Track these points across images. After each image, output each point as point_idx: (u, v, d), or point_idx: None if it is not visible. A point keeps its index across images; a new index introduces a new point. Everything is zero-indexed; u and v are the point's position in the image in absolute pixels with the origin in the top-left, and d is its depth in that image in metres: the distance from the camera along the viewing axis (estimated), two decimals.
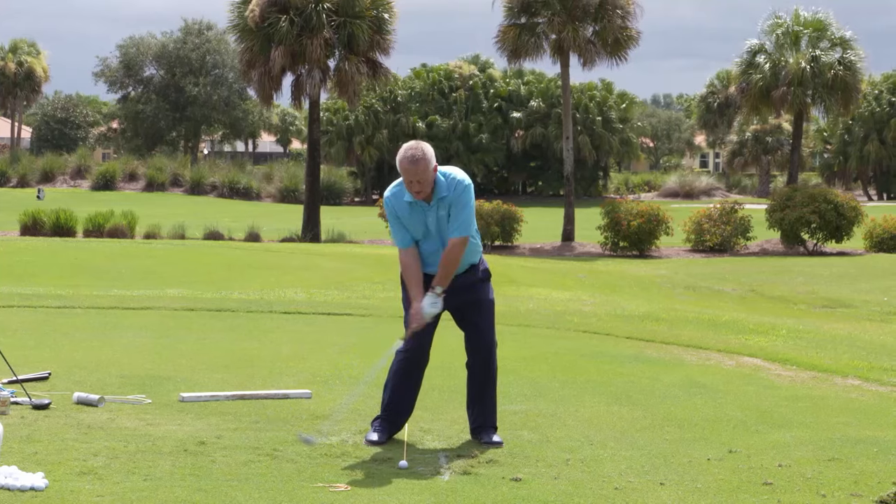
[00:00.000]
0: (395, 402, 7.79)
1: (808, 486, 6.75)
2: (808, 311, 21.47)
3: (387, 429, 7.74)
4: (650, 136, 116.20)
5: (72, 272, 21.19)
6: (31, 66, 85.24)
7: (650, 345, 12.99)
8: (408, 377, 7.82)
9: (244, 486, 6.50)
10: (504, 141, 74.96)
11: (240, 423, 8.06)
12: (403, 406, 7.82)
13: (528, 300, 18.47)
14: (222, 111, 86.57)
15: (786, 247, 37.55)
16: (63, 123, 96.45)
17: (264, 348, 11.69)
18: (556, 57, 42.27)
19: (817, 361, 11.83)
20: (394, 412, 7.78)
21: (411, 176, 7.53)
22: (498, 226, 37.63)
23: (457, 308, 7.87)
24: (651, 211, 36.92)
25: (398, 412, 7.80)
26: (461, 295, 7.80)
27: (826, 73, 43.74)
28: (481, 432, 7.77)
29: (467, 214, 7.70)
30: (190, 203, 56.19)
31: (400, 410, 7.80)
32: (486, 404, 7.89)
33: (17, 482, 6.28)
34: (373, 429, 7.74)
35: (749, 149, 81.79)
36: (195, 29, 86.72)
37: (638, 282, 26.19)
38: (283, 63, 37.59)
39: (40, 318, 13.84)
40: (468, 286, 7.85)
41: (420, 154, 7.52)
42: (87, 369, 10.01)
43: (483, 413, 7.86)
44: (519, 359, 11.46)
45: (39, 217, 35.48)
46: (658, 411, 8.82)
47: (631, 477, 6.88)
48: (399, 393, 7.80)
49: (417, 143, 7.61)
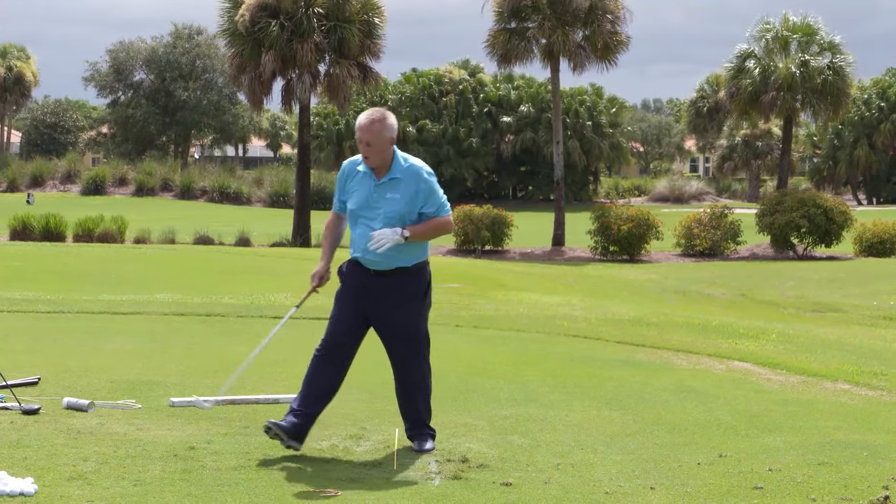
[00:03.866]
0: (300, 401, 7.47)
1: (798, 490, 6.75)
2: (798, 315, 21.50)
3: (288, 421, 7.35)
4: (640, 140, 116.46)
5: (61, 277, 21.14)
6: (20, 71, 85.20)
7: (640, 349, 12.99)
8: (313, 372, 7.51)
9: (234, 491, 6.49)
10: (494, 145, 75.10)
11: (230, 427, 8.05)
12: (311, 396, 7.46)
13: (518, 305, 18.47)
14: (212, 116, 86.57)
15: (775, 251, 37.63)
16: (53, 128, 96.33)
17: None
18: (545, 61, 42.35)
19: (807, 366, 11.85)
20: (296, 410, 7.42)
21: (364, 134, 7.30)
22: (488, 230, 37.67)
23: (377, 317, 7.54)
24: (641, 215, 36.99)
25: (301, 411, 7.42)
26: (386, 305, 7.49)
27: (815, 78, 43.83)
28: (414, 438, 7.65)
29: (440, 199, 7.49)
30: (180, 208, 56.12)
31: (301, 410, 7.42)
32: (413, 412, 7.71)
33: (6, 487, 6.27)
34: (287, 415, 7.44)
35: (739, 153, 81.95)
36: (185, 33, 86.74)
37: (628, 286, 26.21)
38: (273, 67, 37.58)
39: (30, 323, 13.81)
40: (392, 294, 7.48)
41: (378, 116, 7.34)
42: (76, 374, 9.98)
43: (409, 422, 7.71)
44: (509, 363, 11.47)
45: (29, 222, 35.44)
46: (648, 415, 8.82)
47: (621, 481, 6.88)
48: (304, 388, 7.51)
49: (381, 109, 7.44)
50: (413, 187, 7.41)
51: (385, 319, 7.54)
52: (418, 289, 7.60)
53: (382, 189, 7.40)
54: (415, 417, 7.71)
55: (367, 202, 7.42)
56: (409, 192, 7.39)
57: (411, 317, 7.58)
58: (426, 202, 7.45)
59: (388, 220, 7.37)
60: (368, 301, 7.50)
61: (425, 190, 7.44)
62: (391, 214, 7.38)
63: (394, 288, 7.49)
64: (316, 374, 7.54)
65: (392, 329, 7.56)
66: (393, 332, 7.57)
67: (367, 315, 7.54)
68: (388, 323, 7.55)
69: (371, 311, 7.52)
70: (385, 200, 7.39)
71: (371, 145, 7.32)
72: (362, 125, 7.32)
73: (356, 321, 7.54)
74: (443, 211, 7.55)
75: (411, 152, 71.12)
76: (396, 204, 7.38)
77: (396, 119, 7.56)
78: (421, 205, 7.45)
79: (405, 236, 7.35)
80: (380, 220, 7.39)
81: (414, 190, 7.40)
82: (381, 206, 7.39)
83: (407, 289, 7.54)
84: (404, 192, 7.39)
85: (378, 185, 7.41)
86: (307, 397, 7.50)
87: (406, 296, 7.54)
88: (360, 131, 7.33)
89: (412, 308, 7.58)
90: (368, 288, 7.48)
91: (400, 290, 7.51)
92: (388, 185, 7.40)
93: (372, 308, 7.51)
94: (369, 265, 7.47)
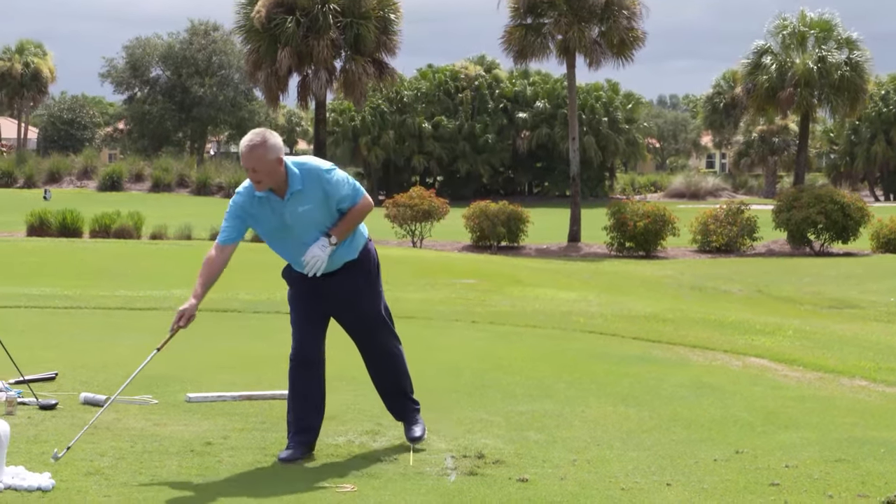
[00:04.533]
0: (298, 416, 7.31)
1: (815, 486, 6.73)
2: (815, 311, 21.45)
3: (299, 442, 7.25)
4: (656, 136, 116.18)
5: (78, 273, 21.19)
6: (37, 67, 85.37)
7: (656, 345, 12.97)
8: (298, 385, 7.34)
9: (251, 486, 6.50)
10: (510, 141, 75.04)
11: (246, 423, 8.07)
12: (307, 416, 7.31)
13: (534, 301, 18.46)
14: (228, 112, 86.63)
15: (792, 247, 37.54)
16: (69, 124, 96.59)
17: (271, 349, 11.68)
18: (561, 57, 42.31)
19: (824, 362, 11.81)
20: (300, 426, 7.30)
21: (247, 163, 6.90)
22: (504, 226, 37.66)
23: (335, 311, 7.39)
24: (657, 211, 36.93)
25: (305, 425, 7.30)
26: (338, 301, 7.34)
27: (833, 74, 43.70)
28: (403, 421, 7.62)
29: (349, 187, 7.16)
30: (196, 204, 56.21)
31: (305, 424, 7.30)
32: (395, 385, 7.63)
33: (23, 482, 6.29)
34: (287, 446, 7.29)
35: (755, 149, 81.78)
36: (201, 30, 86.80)
37: (644, 282, 26.18)
38: (289, 64, 37.63)
39: (47, 319, 13.85)
40: (347, 291, 7.33)
41: (258, 140, 6.91)
42: (93, 370, 10.02)
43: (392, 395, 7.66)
44: (525, 359, 11.46)
45: (46, 218, 35.51)
46: (664, 412, 8.81)
47: (637, 477, 6.87)
48: (297, 403, 7.34)
49: (260, 130, 7.03)
50: (319, 191, 7.06)
51: (347, 312, 7.41)
52: (369, 271, 7.41)
53: (291, 205, 7.04)
54: (394, 389, 7.61)
55: (280, 224, 7.11)
56: (317, 198, 7.06)
57: (372, 301, 7.43)
58: (339, 198, 7.13)
59: (307, 232, 7.11)
60: (325, 300, 7.32)
61: (332, 188, 7.10)
62: (309, 226, 7.10)
63: (347, 281, 7.32)
64: (305, 385, 7.35)
65: (357, 319, 7.44)
66: (358, 321, 7.45)
67: (327, 311, 7.40)
68: (352, 315, 7.42)
69: (330, 307, 7.37)
70: (298, 215, 7.06)
71: (258, 171, 6.91)
72: (243, 154, 6.92)
73: (320, 322, 7.40)
74: (358, 196, 7.21)
75: (427, 148, 71.50)
76: (311, 214, 7.07)
77: (412, 115, 7.49)
78: (336, 203, 7.14)
79: (333, 243, 7.10)
80: (296, 236, 7.13)
81: (322, 193, 7.07)
82: (296, 223, 7.09)
83: (359, 277, 7.36)
84: (313, 199, 7.05)
85: (284, 202, 7.05)
86: (306, 410, 7.33)
87: (361, 284, 7.37)
88: (245, 160, 6.92)
89: (371, 293, 7.43)
90: (321, 289, 7.29)
91: (353, 280, 7.33)
92: (295, 200, 7.03)
93: (331, 305, 7.36)
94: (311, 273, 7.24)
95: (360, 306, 7.40)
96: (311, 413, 7.35)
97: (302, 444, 7.24)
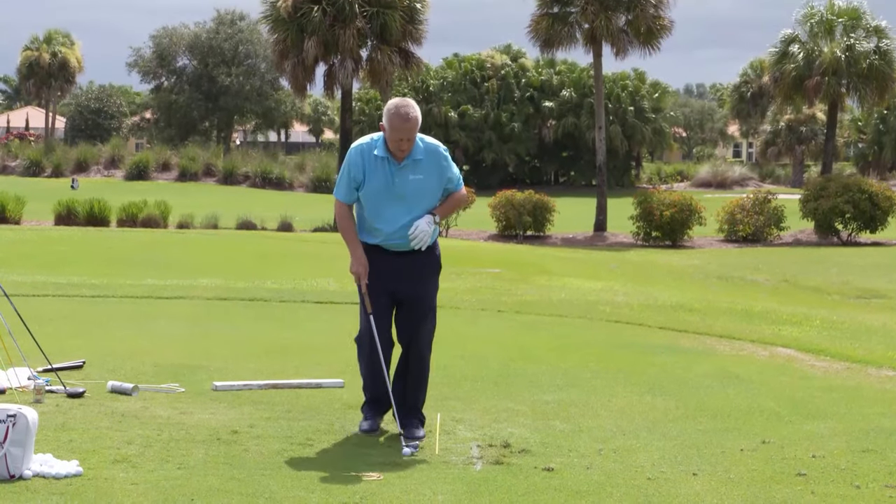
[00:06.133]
0: (370, 384, 7.71)
1: (842, 477, 6.71)
2: (843, 301, 21.36)
3: (376, 411, 7.71)
4: (683, 125, 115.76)
5: (106, 262, 21.29)
6: (65, 57, 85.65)
7: (683, 335, 12.95)
8: (371, 357, 7.61)
9: (277, 474, 6.52)
10: (536, 131, 74.86)
11: (273, 412, 8.09)
12: (379, 386, 7.63)
13: (560, 290, 18.44)
14: (255, 101, 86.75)
15: (819, 237, 37.36)
16: (97, 114, 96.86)
17: (297, 338, 11.72)
18: (588, 46, 42.16)
19: (851, 352, 11.77)
20: (374, 395, 7.72)
21: (402, 133, 7.29)
22: (530, 215, 37.61)
23: (400, 290, 7.60)
24: (684, 201, 36.80)
25: (378, 394, 7.68)
26: (409, 281, 7.57)
27: (861, 63, 43.44)
28: (405, 426, 7.53)
29: (458, 172, 7.67)
30: (222, 193, 56.34)
31: (378, 393, 7.67)
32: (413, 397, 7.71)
33: (52, 470, 6.33)
34: (364, 417, 7.72)
35: (783, 139, 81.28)
36: (228, 19, 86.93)
37: (670, 272, 26.12)
38: (315, 53, 37.60)
39: (75, 308, 13.92)
40: (417, 271, 7.59)
41: (414, 113, 7.32)
42: (121, 358, 10.06)
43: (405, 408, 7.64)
44: (551, 348, 11.46)
45: (73, 207, 35.66)
46: (691, 401, 8.79)
47: (663, 467, 6.86)
48: (371, 374, 7.68)
49: (409, 101, 7.43)
50: (436, 166, 7.49)
51: (410, 291, 7.61)
52: (437, 261, 7.73)
53: (404, 171, 7.41)
54: (412, 403, 7.69)
55: (386, 186, 7.42)
56: (432, 171, 7.47)
57: (433, 287, 7.74)
58: (449, 177, 7.57)
59: (415, 201, 7.42)
60: (395, 280, 7.55)
61: (447, 165, 7.55)
62: (419, 195, 7.44)
63: (419, 262, 7.58)
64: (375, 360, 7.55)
65: (416, 300, 7.63)
66: (416, 303, 7.63)
67: (393, 288, 7.60)
68: (414, 294, 7.62)
69: (397, 283, 7.57)
70: (408, 182, 7.41)
71: (411, 140, 7.35)
72: (401, 126, 7.28)
73: (390, 304, 7.63)
74: (461, 184, 7.72)
75: (453, 137, 71.42)
76: (422, 184, 7.44)
77: (439, 104, 7.59)
78: (445, 182, 7.56)
79: (437, 222, 7.50)
80: (405, 202, 7.42)
81: (437, 168, 7.49)
82: (406, 189, 7.41)
83: (430, 262, 7.65)
84: (427, 171, 7.45)
85: (400, 167, 7.41)
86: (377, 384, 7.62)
87: (430, 269, 7.68)
88: (398, 131, 7.28)
89: (434, 280, 7.76)
90: (394, 267, 7.54)
91: (424, 262, 7.61)
92: (410, 167, 7.43)
93: (398, 281, 7.57)
94: (393, 248, 7.54)
95: (424, 288, 7.65)
96: (381, 385, 7.59)
97: (379, 413, 7.69)
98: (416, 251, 7.52)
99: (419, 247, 7.46)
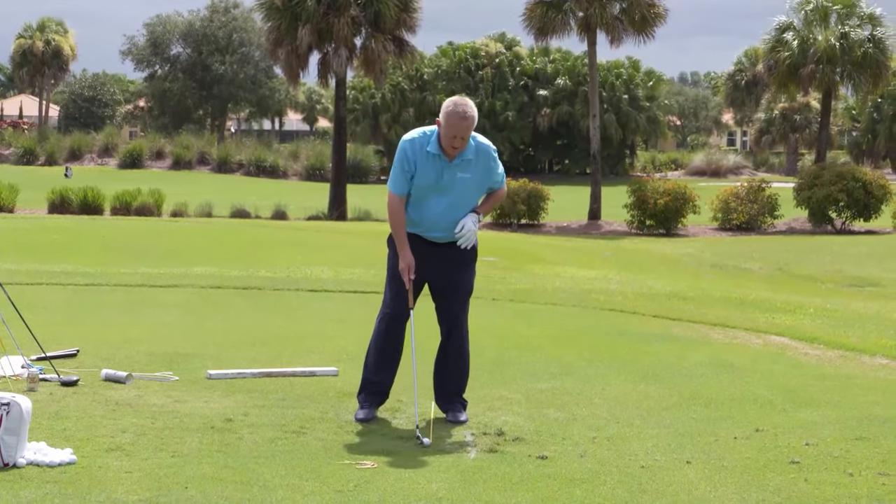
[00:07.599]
0: (373, 374, 7.74)
1: (835, 464, 6.73)
2: (836, 289, 21.38)
3: (372, 401, 7.73)
4: (677, 114, 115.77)
5: (99, 250, 21.27)
6: (58, 45, 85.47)
7: (677, 323, 12.96)
8: (379, 342, 7.73)
9: (271, 462, 6.53)
10: (530, 119, 74.83)
11: (266, 400, 8.09)
12: (384, 375, 7.73)
13: (554, 278, 18.45)
14: (249, 89, 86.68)
15: (813, 225, 37.40)
16: (90, 102, 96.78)
17: (291, 326, 11.72)
18: (582, 34, 42.14)
19: (845, 340, 11.79)
20: (375, 386, 7.74)
21: (458, 132, 7.39)
22: (524, 204, 37.61)
23: (437, 278, 7.71)
24: (678, 189, 36.83)
25: (379, 383, 7.73)
26: (446, 268, 7.68)
27: (855, 51, 43.37)
28: (448, 411, 7.71)
29: (503, 172, 7.82)
30: (216, 181, 56.31)
31: (379, 380, 7.73)
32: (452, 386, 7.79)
33: (45, 458, 6.33)
34: (360, 405, 7.72)
35: (777, 127, 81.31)
36: (222, 7, 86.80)
37: (664, 260, 26.14)
38: (309, 41, 37.58)
39: (68, 296, 13.91)
40: (456, 260, 7.70)
41: (472, 112, 7.41)
42: (114, 346, 10.06)
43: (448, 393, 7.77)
44: (545, 337, 11.47)
45: (67, 195, 35.65)
46: (684, 390, 8.81)
47: (657, 455, 6.87)
48: (377, 360, 7.73)
49: (467, 100, 7.53)
50: (483, 166, 7.62)
51: (448, 280, 7.72)
52: (475, 251, 7.84)
53: (453, 169, 7.52)
54: (455, 388, 7.78)
55: (437, 183, 7.53)
56: (479, 171, 7.60)
57: (471, 276, 7.85)
58: (495, 177, 7.73)
59: (459, 198, 7.56)
60: (430, 267, 7.64)
61: (494, 166, 7.69)
62: (464, 193, 7.58)
63: (456, 254, 7.70)
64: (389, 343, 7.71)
65: (454, 288, 7.74)
66: (454, 290, 7.74)
67: (426, 279, 7.70)
68: (453, 282, 7.73)
69: (433, 274, 7.68)
70: (457, 180, 7.54)
71: (465, 139, 7.45)
72: (458, 124, 7.35)
73: (418, 287, 7.73)
74: (504, 182, 7.89)
75: None
76: (469, 183, 7.58)
77: (433, 93, 7.59)
78: (490, 181, 7.72)
79: (481, 220, 7.70)
80: (450, 199, 7.55)
81: (485, 168, 7.62)
82: (453, 187, 7.54)
83: (469, 252, 7.76)
84: (475, 171, 7.58)
85: (450, 166, 7.51)
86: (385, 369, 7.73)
87: (469, 259, 7.79)
88: (454, 129, 7.35)
89: (472, 269, 7.86)
90: (432, 256, 7.65)
91: (462, 255, 7.72)
92: (460, 166, 7.54)
93: (434, 272, 7.67)
94: (434, 240, 7.66)
95: (463, 276, 7.76)
96: (388, 371, 7.71)
97: (376, 404, 7.72)
98: (454, 243, 7.64)
99: (466, 246, 7.62)
